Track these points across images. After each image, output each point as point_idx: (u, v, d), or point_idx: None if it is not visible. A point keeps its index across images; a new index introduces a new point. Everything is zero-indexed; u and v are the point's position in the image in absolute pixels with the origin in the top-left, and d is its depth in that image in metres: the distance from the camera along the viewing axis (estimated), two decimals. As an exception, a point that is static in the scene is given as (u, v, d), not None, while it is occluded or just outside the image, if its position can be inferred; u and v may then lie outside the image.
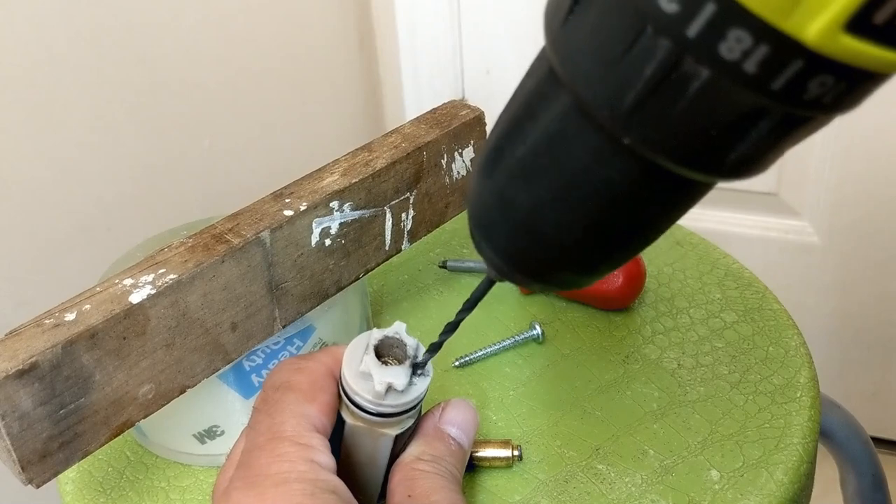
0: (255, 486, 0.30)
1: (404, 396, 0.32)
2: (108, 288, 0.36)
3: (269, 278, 0.40)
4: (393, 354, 0.33)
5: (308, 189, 0.42)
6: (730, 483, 0.41)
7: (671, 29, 0.19)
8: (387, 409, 0.32)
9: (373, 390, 0.31)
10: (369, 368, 0.31)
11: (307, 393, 0.32)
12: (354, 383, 0.32)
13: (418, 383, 0.32)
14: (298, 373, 0.33)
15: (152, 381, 0.37)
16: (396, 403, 0.32)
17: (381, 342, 0.32)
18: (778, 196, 1.06)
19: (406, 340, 0.32)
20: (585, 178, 0.24)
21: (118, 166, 0.75)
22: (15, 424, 0.33)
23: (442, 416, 0.36)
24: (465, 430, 0.36)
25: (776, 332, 0.50)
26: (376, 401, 0.32)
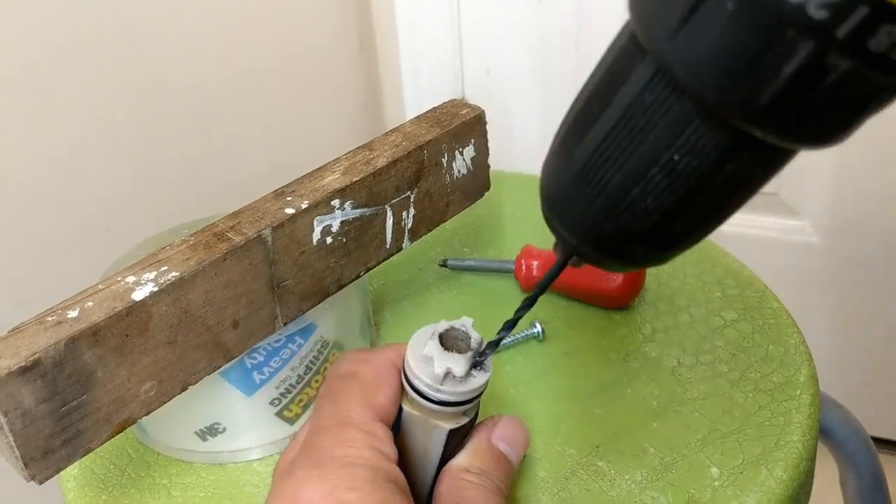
0: (319, 466, 0.30)
1: (462, 386, 0.33)
2: (111, 285, 0.36)
3: (271, 276, 0.41)
4: (457, 346, 0.33)
5: (309, 187, 0.43)
6: (730, 480, 0.41)
7: (819, 32, 0.21)
8: (444, 396, 0.33)
9: (432, 374, 0.32)
10: (431, 352, 0.33)
11: (372, 383, 0.33)
12: (416, 366, 0.33)
13: (477, 376, 0.33)
14: (363, 364, 0.34)
15: (154, 379, 0.37)
16: (453, 391, 0.33)
17: (447, 332, 0.33)
18: (778, 196, 1.06)
19: (471, 334, 0.34)
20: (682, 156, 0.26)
21: (118, 166, 0.75)
22: (18, 421, 0.33)
23: (494, 430, 0.37)
24: (515, 447, 0.37)
25: (776, 331, 0.51)
26: (434, 385, 0.33)
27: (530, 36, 1.09)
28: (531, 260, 0.54)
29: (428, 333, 0.33)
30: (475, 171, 0.51)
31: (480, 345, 0.34)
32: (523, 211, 0.65)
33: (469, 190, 0.51)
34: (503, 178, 0.69)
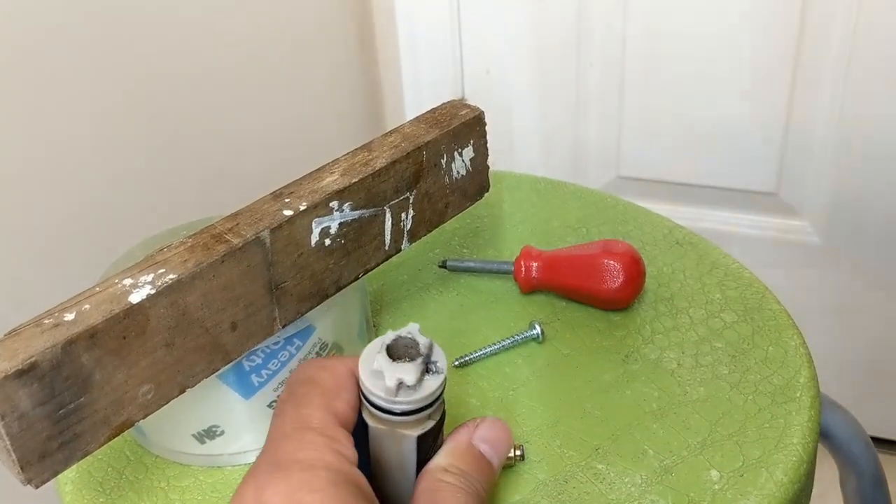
0: (281, 469, 0.30)
1: (417, 393, 0.33)
2: (108, 288, 0.36)
3: (269, 278, 0.40)
4: (407, 354, 0.33)
5: (308, 189, 0.42)
6: (729, 483, 0.41)
7: None
8: (401, 407, 0.33)
9: (385, 387, 0.32)
10: (381, 366, 0.33)
11: (331, 389, 0.34)
12: (369, 382, 0.33)
13: (430, 381, 0.33)
14: (323, 370, 0.34)
15: (152, 381, 0.37)
16: (410, 400, 0.33)
17: (395, 342, 0.33)
18: (778, 196, 1.06)
19: (419, 339, 0.33)
20: None
21: (117, 166, 0.75)
22: (14, 424, 0.33)
23: (476, 431, 0.36)
24: (497, 449, 0.37)
25: (776, 333, 0.50)
26: (389, 398, 0.33)
27: (530, 36, 1.09)
28: (531, 261, 0.54)
29: (376, 348, 0.33)
30: (474, 172, 0.51)
31: (431, 348, 0.34)
32: (523, 212, 0.65)
33: (468, 191, 0.51)
34: (503, 178, 0.69)
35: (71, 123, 0.71)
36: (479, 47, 1.13)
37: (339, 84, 1.07)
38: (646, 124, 1.08)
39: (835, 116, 0.97)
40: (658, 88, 1.04)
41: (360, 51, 1.09)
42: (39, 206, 0.69)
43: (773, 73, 0.98)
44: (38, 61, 0.67)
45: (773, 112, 1.00)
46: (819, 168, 1.01)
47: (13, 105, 0.66)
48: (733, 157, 1.05)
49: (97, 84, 0.72)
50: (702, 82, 1.02)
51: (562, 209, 0.64)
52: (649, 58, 1.03)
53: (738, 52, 0.98)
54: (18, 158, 0.67)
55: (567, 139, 1.13)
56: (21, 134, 0.67)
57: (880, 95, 0.94)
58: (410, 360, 0.33)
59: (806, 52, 0.95)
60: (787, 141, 1.01)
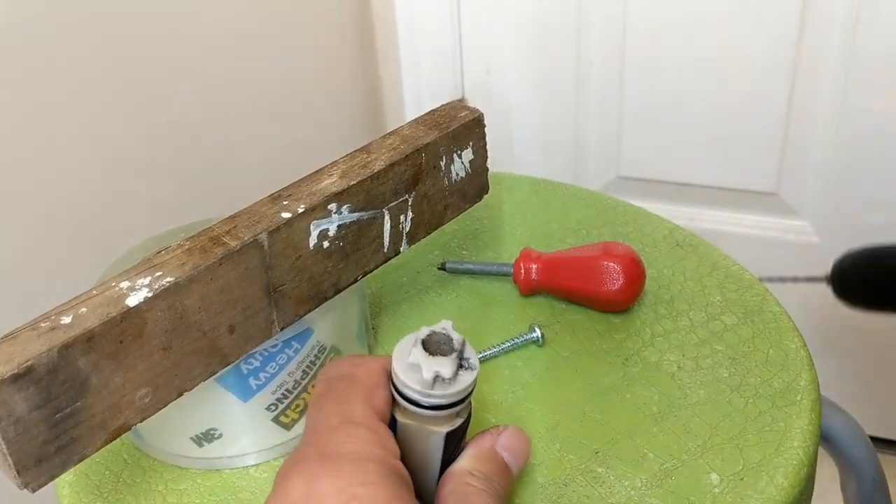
0: (332, 461, 0.31)
1: (452, 387, 0.33)
2: (105, 291, 0.36)
3: (267, 281, 0.40)
4: (440, 350, 0.34)
5: (306, 191, 0.42)
6: (730, 487, 0.41)
7: None
8: (435, 400, 0.33)
9: (421, 380, 0.33)
10: (418, 360, 0.33)
11: (370, 385, 0.34)
12: (404, 375, 0.33)
13: (465, 375, 0.33)
14: (360, 367, 0.35)
15: (149, 385, 0.37)
16: (444, 394, 0.33)
17: (429, 337, 0.34)
18: (778, 196, 1.06)
19: (452, 335, 0.34)
20: None
21: (116, 167, 0.75)
22: (10, 429, 0.33)
23: (499, 439, 0.37)
24: (517, 458, 0.37)
25: (776, 335, 0.50)
26: (425, 391, 0.33)
27: (530, 36, 1.08)
28: (530, 263, 0.54)
29: (411, 342, 0.34)
30: (473, 174, 0.51)
31: (463, 344, 0.34)
32: (522, 213, 0.64)
33: (467, 193, 0.51)
34: (502, 180, 0.68)
35: (69, 124, 0.70)
36: (479, 47, 1.12)
37: (338, 85, 1.06)
38: (646, 124, 1.07)
39: (835, 116, 0.97)
40: (658, 88, 1.04)
41: (360, 51, 1.09)
42: (37, 207, 0.69)
43: (773, 73, 0.98)
44: (39, 62, 0.67)
45: (773, 112, 1.00)
46: (819, 168, 1.01)
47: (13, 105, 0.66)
48: (733, 157, 1.05)
49: (96, 84, 0.72)
50: (702, 82, 1.02)
51: (561, 211, 0.64)
52: (649, 58, 1.03)
53: (738, 52, 0.98)
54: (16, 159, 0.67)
55: (567, 139, 1.13)
56: (20, 135, 0.67)
57: (880, 95, 0.94)
58: (445, 356, 0.33)
59: (806, 52, 0.95)
60: (787, 141, 1.01)
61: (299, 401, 0.44)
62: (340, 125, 1.08)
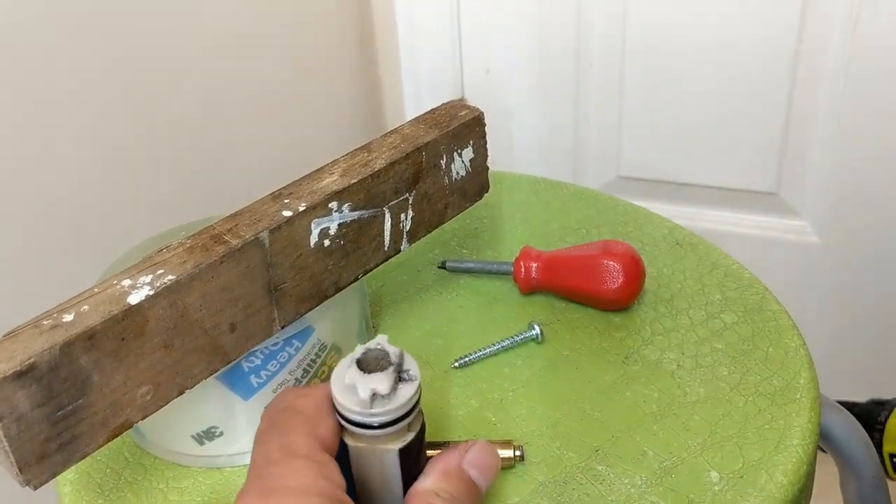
0: (272, 495, 0.30)
1: (392, 402, 0.32)
2: (107, 289, 0.36)
3: (268, 279, 0.40)
4: (378, 366, 0.33)
5: (307, 190, 0.42)
6: (729, 484, 0.41)
7: None
8: (378, 419, 0.32)
9: (359, 400, 0.32)
10: (353, 379, 0.32)
11: (313, 416, 0.33)
12: (342, 398, 0.32)
13: (404, 389, 0.33)
14: (303, 398, 0.34)
15: (151, 383, 0.37)
16: (386, 410, 0.32)
17: (364, 355, 0.33)
18: (778, 196, 1.06)
19: (388, 349, 0.33)
20: None
21: (117, 166, 0.75)
22: (13, 426, 0.33)
23: (466, 456, 0.36)
24: (485, 474, 0.36)
25: (776, 334, 0.50)
26: (364, 410, 0.32)
27: (530, 36, 1.08)
28: (530, 262, 0.54)
29: (346, 363, 0.33)
30: (474, 173, 0.51)
31: (402, 357, 0.33)
32: (522, 212, 0.65)
33: (468, 192, 0.51)
34: (502, 179, 0.69)
35: (69, 124, 0.70)
36: (479, 47, 1.13)
37: (338, 84, 1.07)
38: (646, 124, 1.08)
39: (835, 116, 0.97)
40: (658, 88, 1.04)
41: (360, 51, 1.09)
42: (38, 206, 0.69)
43: (772, 73, 0.98)
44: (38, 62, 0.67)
45: (773, 112, 1.00)
46: (819, 168, 1.01)
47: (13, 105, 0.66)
48: (733, 157, 1.05)
49: (96, 84, 0.72)
50: (702, 82, 1.02)
51: (561, 210, 0.64)
52: (649, 58, 1.03)
53: (737, 52, 0.98)
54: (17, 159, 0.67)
55: (567, 139, 1.13)
56: (20, 134, 0.67)
57: (880, 95, 0.94)
58: (381, 371, 0.32)
59: (806, 52, 0.95)
60: (787, 141, 1.01)
61: (300, 399, 0.44)
62: (340, 125, 1.08)
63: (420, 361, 0.50)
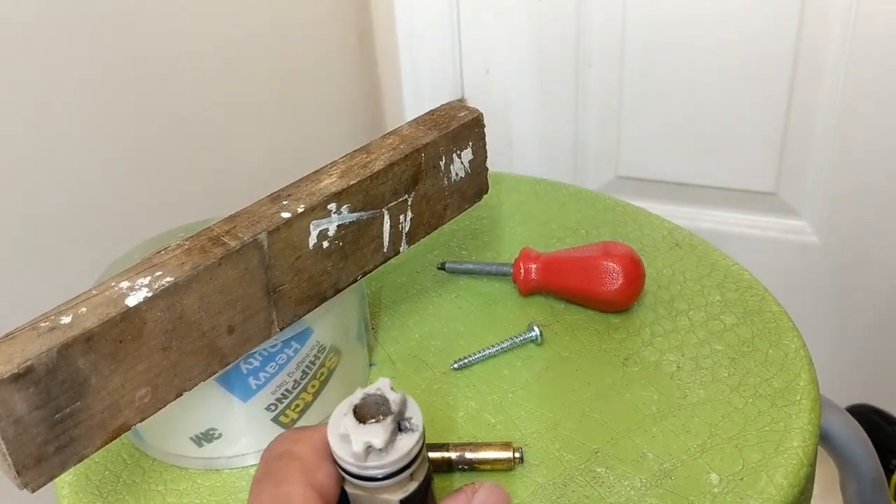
0: None
1: (389, 456, 0.30)
2: (104, 291, 0.36)
3: (267, 281, 0.40)
4: (378, 412, 0.31)
5: (306, 191, 0.42)
6: (729, 487, 0.41)
7: None
8: (373, 472, 0.30)
9: (353, 452, 0.30)
10: (347, 429, 0.30)
11: (311, 462, 0.31)
12: (337, 448, 0.30)
13: (404, 440, 0.30)
14: (299, 442, 0.32)
15: (149, 385, 0.37)
16: (381, 464, 0.30)
17: (363, 401, 0.31)
18: (777, 196, 1.06)
19: (388, 395, 0.31)
20: None
21: (115, 168, 0.75)
22: (10, 429, 0.33)
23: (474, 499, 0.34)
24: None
25: (776, 335, 0.50)
26: (359, 463, 0.30)
27: (530, 36, 1.08)
28: (529, 263, 0.54)
29: (344, 409, 0.31)
30: (473, 174, 0.50)
31: (403, 404, 0.31)
32: (521, 213, 0.64)
33: (467, 193, 0.51)
34: (502, 180, 0.68)
35: (68, 125, 0.70)
36: (478, 47, 1.12)
37: (338, 84, 1.06)
38: (645, 124, 1.07)
39: (834, 116, 0.97)
40: (657, 88, 1.04)
41: (359, 51, 1.09)
42: (36, 208, 0.69)
43: (772, 73, 0.98)
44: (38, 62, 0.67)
45: (773, 112, 1.00)
46: (819, 168, 1.01)
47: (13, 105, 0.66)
48: (733, 157, 1.05)
49: (96, 83, 0.72)
50: (701, 82, 1.02)
51: (561, 211, 0.64)
52: (648, 58, 1.03)
53: (737, 52, 0.98)
54: (15, 159, 0.67)
55: (566, 139, 1.13)
56: (18, 134, 0.67)
57: (880, 95, 0.94)
58: (378, 421, 0.30)
59: (805, 52, 0.95)
60: (787, 141, 1.01)
61: (299, 401, 0.44)
62: (340, 125, 1.08)
63: (419, 363, 0.50)
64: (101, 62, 0.72)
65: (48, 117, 0.69)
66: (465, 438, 0.45)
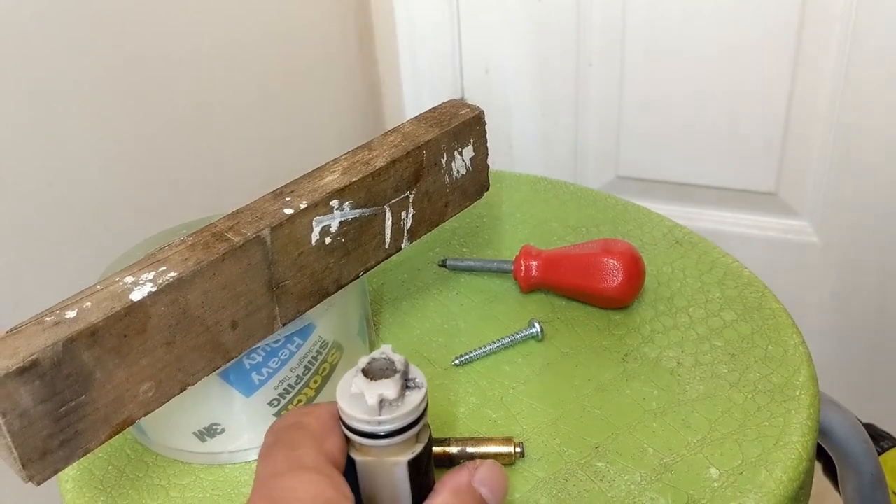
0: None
1: (400, 408, 0.32)
2: (109, 286, 0.36)
3: (269, 276, 0.40)
4: (383, 374, 0.33)
5: (308, 188, 0.43)
6: (729, 481, 0.41)
7: None
8: (386, 427, 0.32)
9: (367, 407, 0.32)
10: (360, 388, 0.32)
11: (319, 432, 0.33)
12: (349, 408, 0.32)
13: (412, 395, 0.32)
14: (308, 415, 0.34)
15: (152, 379, 0.37)
16: (394, 416, 0.32)
17: (369, 365, 0.33)
18: (777, 196, 1.06)
19: (393, 357, 0.33)
20: None
21: (118, 165, 0.75)
22: (16, 422, 0.33)
23: (476, 474, 0.35)
24: (496, 493, 0.36)
25: (775, 331, 0.50)
26: (373, 418, 0.32)
27: (530, 35, 1.09)
28: (530, 260, 0.54)
29: (352, 374, 0.33)
30: (474, 172, 0.51)
31: (406, 365, 0.33)
32: (522, 211, 0.65)
33: (468, 190, 0.51)
34: (502, 178, 0.69)
35: (71, 122, 0.71)
36: (478, 47, 1.13)
37: (339, 83, 1.07)
38: (645, 124, 1.08)
39: (834, 116, 0.97)
40: (657, 88, 1.04)
41: (359, 51, 1.09)
42: (41, 204, 0.69)
43: (772, 73, 0.98)
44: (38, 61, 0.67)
45: (773, 112, 1.00)
46: (819, 168, 1.01)
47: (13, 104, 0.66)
48: (733, 157, 1.05)
49: (97, 82, 0.72)
50: (701, 82, 1.02)
51: (561, 209, 0.65)
52: (648, 58, 1.03)
53: (737, 52, 0.99)
54: (18, 157, 0.67)
55: (566, 139, 1.13)
56: (21, 133, 0.67)
57: (880, 95, 0.94)
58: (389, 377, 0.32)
59: (805, 52, 0.96)
60: (787, 141, 1.02)
61: (301, 396, 0.45)
62: (341, 124, 1.08)
63: (421, 359, 0.51)
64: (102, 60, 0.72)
65: (51, 115, 0.69)
66: (467, 434, 0.45)
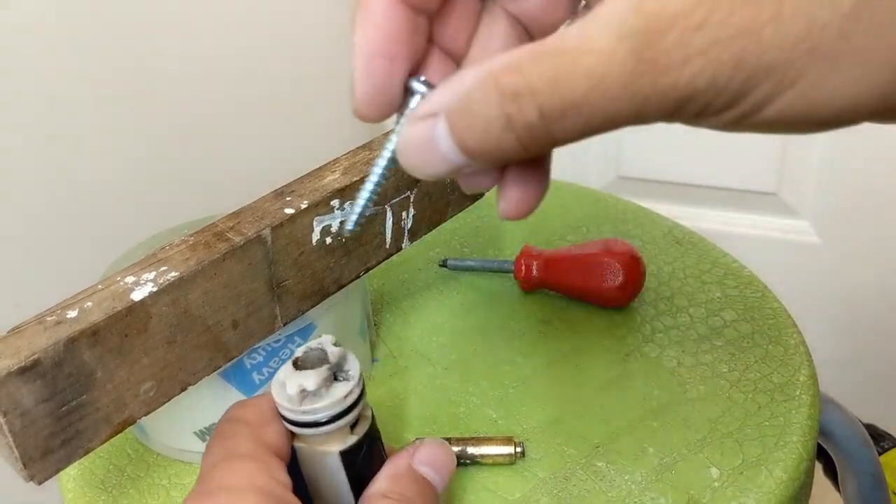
0: (210, 497, 0.30)
1: (322, 400, 0.32)
2: (110, 285, 0.36)
3: (270, 276, 0.41)
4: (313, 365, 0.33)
5: (309, 187, 0.43)
6: (729, 481, 0.41)
7: None
8: (308, 417, 0.32)
9: (288, 395, 0.32)
10: (284, 376, 0.32)
11: (258, 423, 0.33)
12: (276, 395, 0.33)
13: (338, 388, 0.32)
14: (246, 407, 0.34)
15: (153, 379, 0.37)
16: (314, 407, 0.32)
17: (304, 354, 0.33)
18: (778, 196, 1.06)
19: (328, 349, 0.33)
20: None
21: (118, 165, 0.75)
22: (17, 421, 0.33)
23: (415, 454, 0.35)
24: (439, 470, 0.35)
25: (776, 331, 0.51)
26: (295, 407, 0.32)
27: (530, 36, 1.09)
28: (531, 260, 0.54)
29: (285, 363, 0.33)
30: (475, 171, 0.51)
31: (341, 357, 0.33)
32: (523, 211, 0.65)
33: (469, 190, 0.51)
34: (503, 178, 0.69)
35: (72, 122, 0.71)
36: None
37: (340, 84, 1.07)
38: (646, 124, 1.08)
39: (835, 116, 0.97)
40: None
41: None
42: (42, 204, 0.69)
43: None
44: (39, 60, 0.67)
45: (773, 112, 1.00)
46: (819, 168, 1.01)
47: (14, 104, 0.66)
48: (733, 157, 1.05)
49: (97, 82, 0.72)
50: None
51: (562, 209, 0.65)
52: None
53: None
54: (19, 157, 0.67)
55: (567, 139, 1.13)
56: (22, 133, 0.67)
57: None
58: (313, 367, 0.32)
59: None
60: (787, 141, 1.02)
61: (302, 396, 0.45)
62: (341, 124, 1.08)
63: (421, 358, 0.51)
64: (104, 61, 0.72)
65: (54, 116, 0.69)
66: (467, 433, 0.45)
